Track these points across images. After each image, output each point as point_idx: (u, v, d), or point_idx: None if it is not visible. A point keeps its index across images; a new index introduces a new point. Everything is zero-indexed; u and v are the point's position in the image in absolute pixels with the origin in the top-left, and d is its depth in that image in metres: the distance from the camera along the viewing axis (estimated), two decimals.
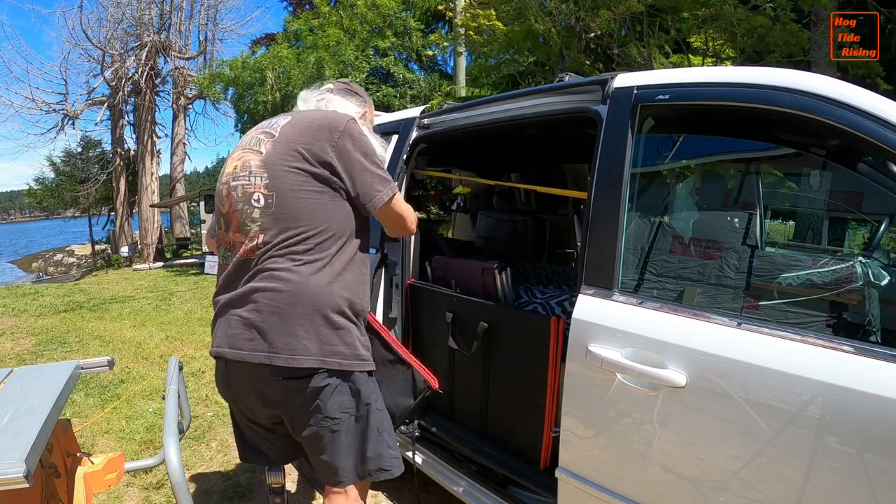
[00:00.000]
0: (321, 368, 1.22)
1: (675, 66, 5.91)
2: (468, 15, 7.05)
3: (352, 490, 1.35)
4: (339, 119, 1.30)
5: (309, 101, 1.49)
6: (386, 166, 2.20)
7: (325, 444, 1.30)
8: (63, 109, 17.30)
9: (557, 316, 1.59)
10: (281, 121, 1.33)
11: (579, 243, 1.41)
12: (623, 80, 1.40)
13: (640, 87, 1.35)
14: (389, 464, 1.33)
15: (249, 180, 1.26)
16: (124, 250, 16.07)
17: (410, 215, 1.46)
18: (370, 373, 1.33)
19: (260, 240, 1.24)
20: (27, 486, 1.06)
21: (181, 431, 1.56)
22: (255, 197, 1.25)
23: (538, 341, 1.61)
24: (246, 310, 1.23)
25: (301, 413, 1.27)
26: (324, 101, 1.47)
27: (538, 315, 1.97)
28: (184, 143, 18.24)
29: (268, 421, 1.38)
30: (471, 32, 6.93)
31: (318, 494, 2.24)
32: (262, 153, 1.28)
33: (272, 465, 1.60)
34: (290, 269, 1.21)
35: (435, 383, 1.51)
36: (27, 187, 20.50)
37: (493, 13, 6.43)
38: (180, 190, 18.47)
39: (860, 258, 1.36)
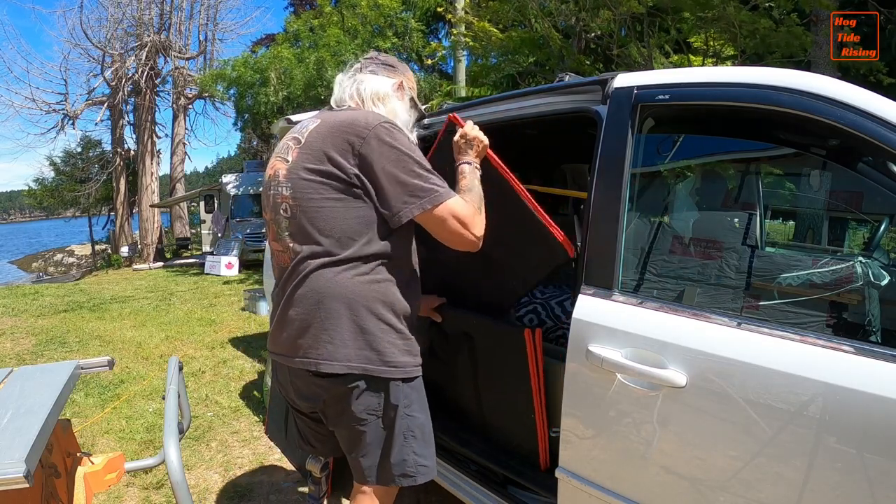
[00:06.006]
0: (347, 373, 1.24)
1: (675, 66, 5.91)
2: (464, 25, 7.10)
3: (378, 490, 1.37)
4: (366, 124, 1.23)
5: (344, 84, 1.41)
6: None
7: (350, 441, 1.34)
8: (63, 109, 17.28)
9: (532, 328, 1.45)
10: (311, 125, 1.31)
11: (579, 243, 1.41)
12: (623, 80, 1.40)
13: (640, 87, 1.35)
14: (414, 470, 1.32)
15: (278, 190, 1.29)
16: (124, 250, 16.06)
17: (468, 221, 1.25)
18: (406, 379, 1.30)
19: (291, 248, 1.28)
20: (27, 486, 1.06)
21: (181, 431, 1.57)
22: (283, 207, 1.28)
23: (514, 354, 1.52)
24: (289, 314, 1.28)
25: (329, 409, 1.33)
26: (355, 84, 1.40)
27: (511, 326, 1.66)
28: (184, 143, 18.23)
29: (308, 411, 1.43)
30: (468, 40, 6.97)
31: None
32: (288, 161, 1.29)
33: (321, 454, 1.62)
34: (319, 276, 1.24)
35: (571, 249, 1.39)
36: (27, 187, 20.47)
37: (488, 25, 6.42)
38: (180, 190, 18.46)
39: (860, 258, 1.36)
